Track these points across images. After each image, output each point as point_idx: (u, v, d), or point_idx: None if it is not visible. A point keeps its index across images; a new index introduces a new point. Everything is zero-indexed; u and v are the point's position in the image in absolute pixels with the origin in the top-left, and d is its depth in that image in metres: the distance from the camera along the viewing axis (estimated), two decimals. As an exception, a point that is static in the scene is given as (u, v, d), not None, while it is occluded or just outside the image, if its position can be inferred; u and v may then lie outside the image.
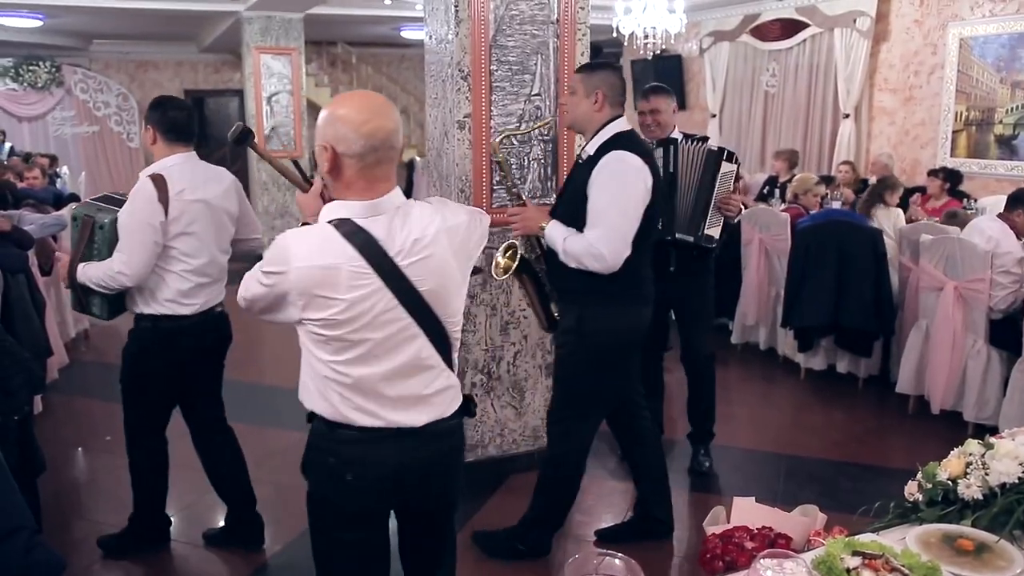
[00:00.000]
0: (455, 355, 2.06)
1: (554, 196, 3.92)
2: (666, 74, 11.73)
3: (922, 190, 7.19)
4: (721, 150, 3.86)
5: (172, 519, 3.57)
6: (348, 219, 1.86)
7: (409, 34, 12.94)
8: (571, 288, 3.09)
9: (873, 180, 6.69)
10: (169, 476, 3.43)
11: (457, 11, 3.68)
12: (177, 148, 3.12)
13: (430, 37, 4.01)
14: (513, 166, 3.83)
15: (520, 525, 3.38)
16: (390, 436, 1.95)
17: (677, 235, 3.82)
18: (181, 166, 3.11)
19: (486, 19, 3.70)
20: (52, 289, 5.93)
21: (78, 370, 5.82)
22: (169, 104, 3.19)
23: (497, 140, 3.45)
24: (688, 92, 11.71)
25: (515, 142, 3.80)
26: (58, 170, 9.87)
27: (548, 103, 3.87)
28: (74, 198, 7.27)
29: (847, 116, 9.06)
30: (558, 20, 3.84)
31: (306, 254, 1.83)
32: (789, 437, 4.74)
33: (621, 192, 2.91)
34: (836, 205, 6.38)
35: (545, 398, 4.12)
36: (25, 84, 13.16)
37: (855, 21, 8.88)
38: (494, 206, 3.83)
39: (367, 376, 1.90)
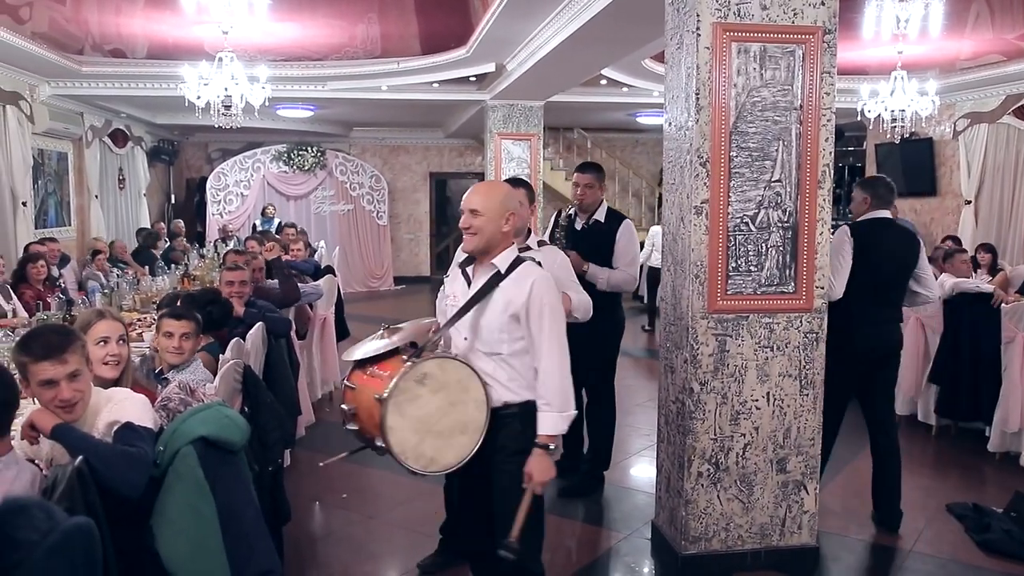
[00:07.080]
0: None
1: (792, 284, 3.80)
2: (914, 158, 11.13)
3: None
4: None
5: None
6: (525, 252, 3.19)
7: (645, 119, 13.17)
8: None
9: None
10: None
11: (698, 99, 3.70)
12: None
13: (669, 124, 4.05)
14: (751, 252, 3.76)
15: None
16: None
17: None
18: None
19: (727, 106, 3.69)
20: (305, 352, 6.46)
21: (322, 429, 6.22)
22: None
23: None
24: (939, 177, 10.99)
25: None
26: (315, 244, 10.84)
27: (789, 189, 3.77)
28: (329, 270, 7.91)
29: None
30: (801, 106, 3.75)
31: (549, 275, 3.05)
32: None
33: None
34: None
35: (775, 494, 3.92)
36: (295, 167, 14.73)
37: None
38: (728, 292, 3.76)
39: None
